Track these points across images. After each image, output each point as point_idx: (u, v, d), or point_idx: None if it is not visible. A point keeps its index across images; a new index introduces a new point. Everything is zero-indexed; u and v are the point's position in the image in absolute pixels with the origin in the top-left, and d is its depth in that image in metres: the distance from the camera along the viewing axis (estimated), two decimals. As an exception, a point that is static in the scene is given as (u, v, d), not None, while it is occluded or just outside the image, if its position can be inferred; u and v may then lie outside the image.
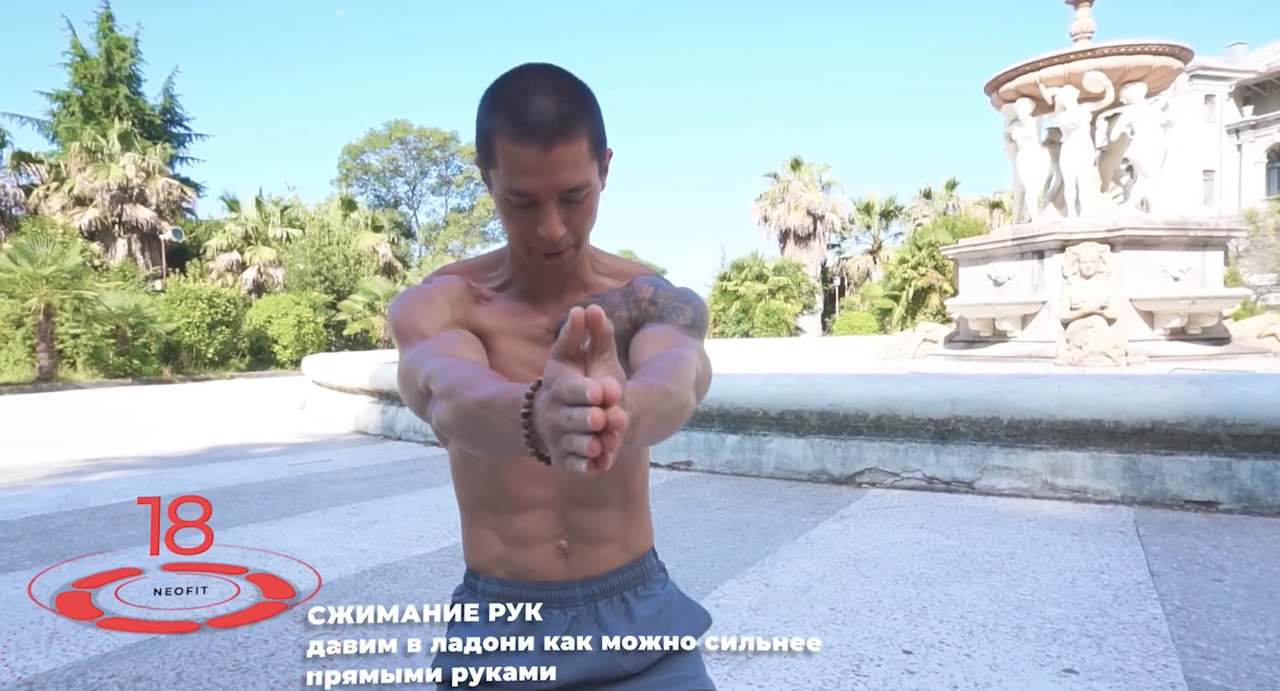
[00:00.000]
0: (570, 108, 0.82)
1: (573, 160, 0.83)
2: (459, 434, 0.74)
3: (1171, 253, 10.20)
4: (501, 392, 0.67)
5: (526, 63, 0.86)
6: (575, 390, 0.53)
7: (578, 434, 0.53)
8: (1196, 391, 3.55)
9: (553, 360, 0.58)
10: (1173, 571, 2.78)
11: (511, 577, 0.97)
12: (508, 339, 0.95)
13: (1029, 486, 3.90)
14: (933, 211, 33.58)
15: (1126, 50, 10.45)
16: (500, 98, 0.83)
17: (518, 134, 0.81)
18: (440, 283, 0.97)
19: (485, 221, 50.31)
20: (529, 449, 0.62)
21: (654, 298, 0.97)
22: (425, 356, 0.84)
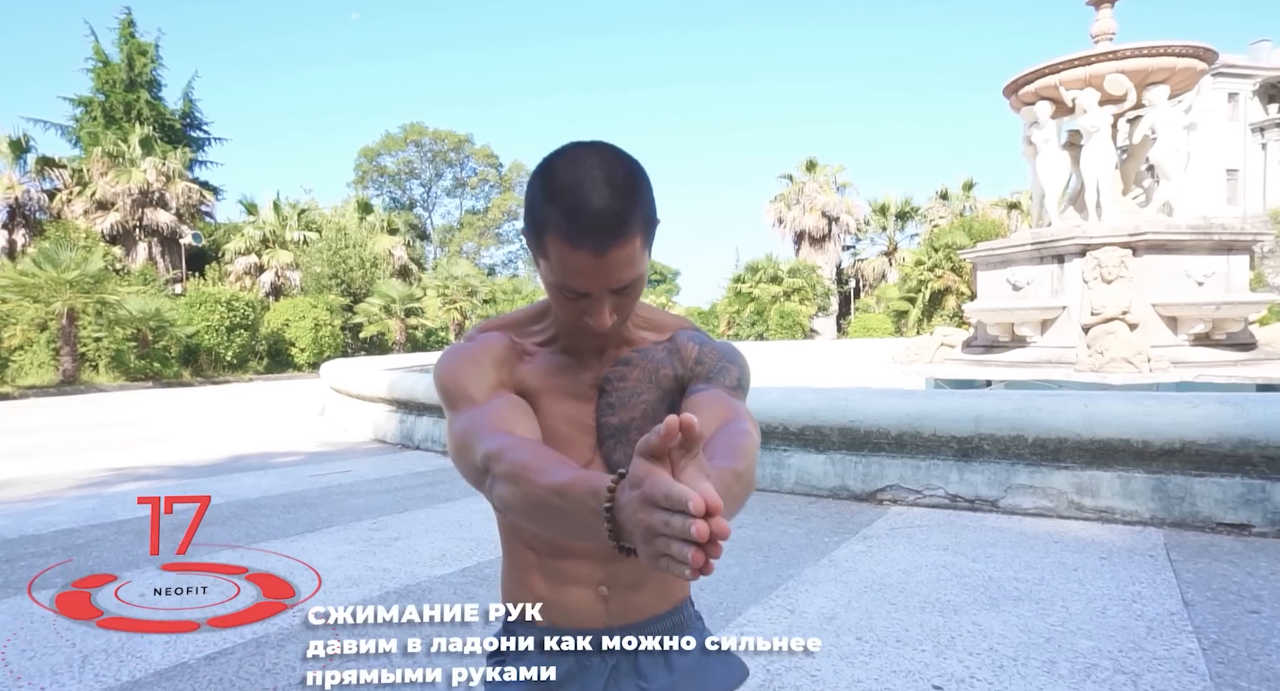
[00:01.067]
0: (624, 205, 0.81)
1: (626, 260, 0.83)
2: (524, 517, 0.76)
3: (1195, 257, 10.06)
4: (576, 481, 0.68)
5: (579, 144, 0.85)
6: (674, 498, 0.55)
7: (678, 541, 0.55)
8: (1229, 412, 3.49)
9: (639, 459, 0.59)
10: (1207, 601, 2.73)
11: (551, 624, 0.98)
12: (553, 397, 0.96)
13: (1055, 506, 3.85)
14: (949, 213, 33.33)
15: (1149, 52, 10.31)
16: (554, 188, 0.82)
17: (572, 237, 0.80)
18: (484, 341, 0.98)
19: (499, 223, 50.51)
20: (611, 541, 0.64)
21: (700, 357, 0.98)
22: (480, 429, 0.85)
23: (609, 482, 0.63)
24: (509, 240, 52.11)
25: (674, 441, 0.58)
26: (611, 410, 0.95)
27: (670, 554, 0.55)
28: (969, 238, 26.67)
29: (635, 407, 0.95)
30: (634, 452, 0.60)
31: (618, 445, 0.95)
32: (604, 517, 0.62)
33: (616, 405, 0.95)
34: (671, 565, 0.56)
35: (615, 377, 0.96)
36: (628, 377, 0.96)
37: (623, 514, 0.60)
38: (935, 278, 27.62)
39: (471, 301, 27.95)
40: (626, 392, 0.95)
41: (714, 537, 0.54)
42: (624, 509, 0.60)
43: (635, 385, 0.96)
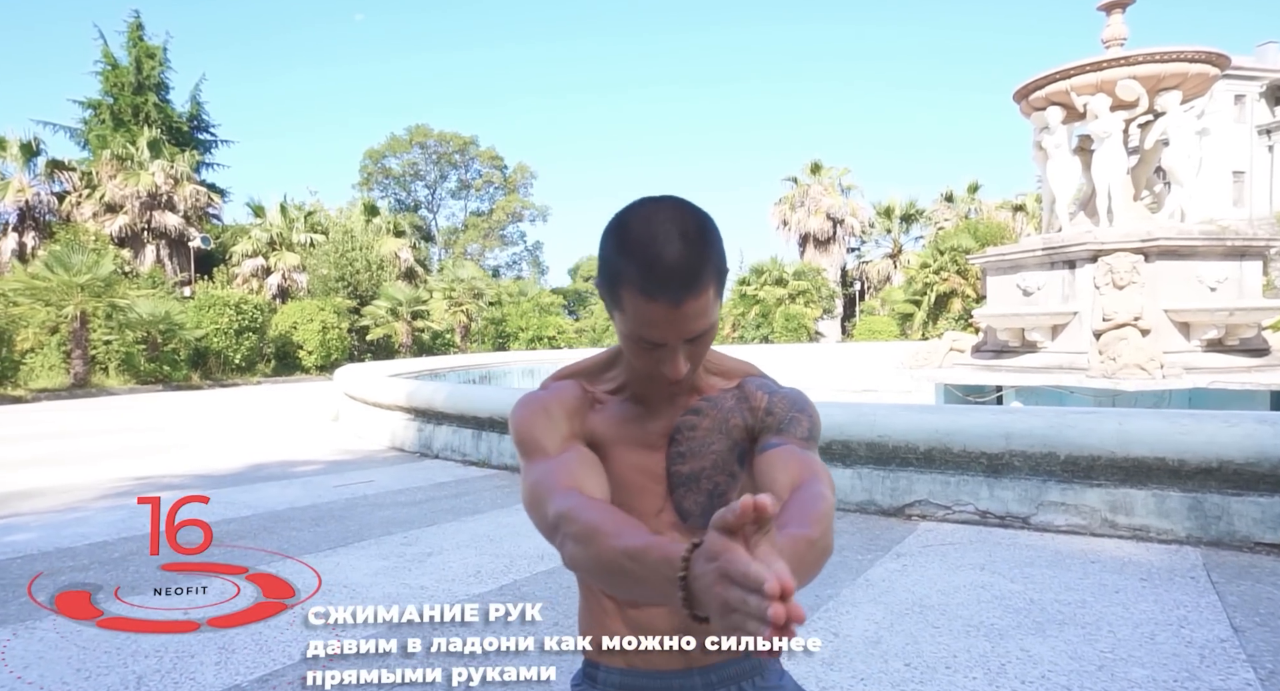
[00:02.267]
0: (698, 257, 0.84)
1: (700, 311, 0.86)
2: (595, 578, 0.79)
3: (1208, 263, 10.03)
4: (650, 547, 0.69)
5: (650, 199, 0.89)
6: (751, 578, 0.56)
7: (754, 619, 0.56)
8: (1269, 431, 3.48)
9: (714, 532, 0.61)
10: (1257, 627, 2.73)
11: (631, 667, 0.99)
12: (624, 447, 0.98)
13: (1088, 523, 3.85)
14: (954, 215, 33.30)
15: (1161, 58, 10.28)
16: (629, 242, 0.85)
17: (648, 290, 0.84)
18: (557, 390, 1.01)
19: (504, 225, 50.54)
20: (684, 609, 0.65)
21: (770, 407, 0.99)
22: (552, 485, 0.88)
23: (684, 551, 0.65)
24: (513, 241, 52.18)
25: (748, 520, 0.60)
26: (682, 459, 0.97)
27: (746, 630, 0.57)
28: (974, 240, 26.66)
29: (706, 457, 0.97)
30: (710, 525, 0.62)
31: (688, 493, 0.97)
32: (679, 586, 0.64)
33: (687, 454, 0.97)
34: (747, 641, 0.57)
35: (686, 427, 0.98)
36: (698, 427, 0.98)
37: (698, 584, 0.62)
38: (941, 280, 27.60)
39: (477, 304, 27.97)
40: (697, 442, 0.97)
41: (789, 620, 0.55)
42: (699, 579, 0.62)
43: (706, 435, 0.97)
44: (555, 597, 3.24)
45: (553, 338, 27.73)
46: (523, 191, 51.63)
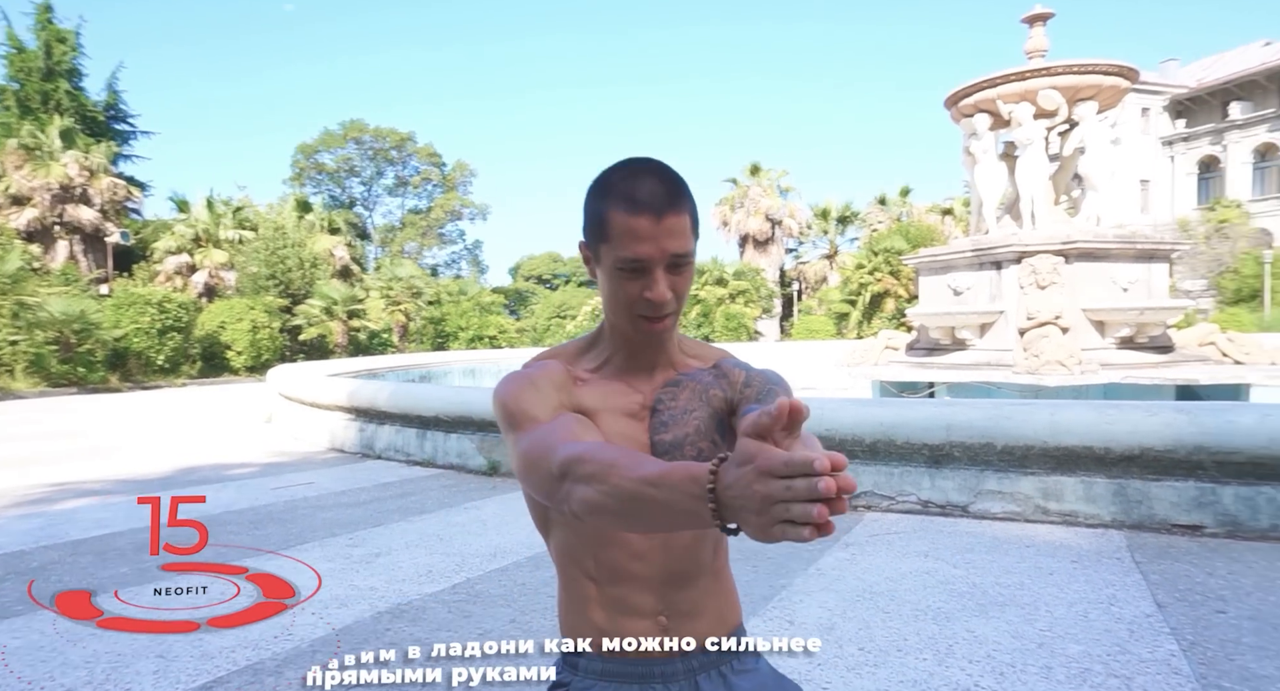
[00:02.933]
0: (675, 186, 0.93)
1: (680, 230, 0.92)
2: (612, 513, 0.78)
3: (1121, 264, 10.60)
4: (672, 470, 0.70)
5: (627, 158, 0.97)
6: (795, 463, 0.58)
7: (799, 503, 0.58)
8: (1184, 420, 3.71)
9: (746, 438, 0.63)
10: (1177, 602, 2.91)
11: (613, 654, 0.99)
12: (609, 416, 1.00)
13: (1022, 510, 4.03)
14: (887, 217, 34.32)
15: (1079, 70, 10.83)
16: (611, 184, 0.94)
17: (632, 208, 0.91)
18: (542, 367, 1.02)
19: (442, 223, 49.62)
20: (714, 521, 0.66)
21: (748, 381, 1.03)
22: (552, 441, 0.88)
23: (710, 466, 0.66)
24: (452, 240, 51.29)
25: (783, 421, 0.62)
26: (665, 427, 0.99)
27: (791, 517, 0.58)
28: (906, 242, 27.52)
29: (688, 424, 0.99)
30: (740, 432, 0.64)
31: (672, 460, 0.97)
32: (708, 499, 0.65)
33: (670, 422, 0.99)
34: (788, 530, 0.59)
35: (667, 397, 1.01)
36: (679, 397, 1.01)
37: (730, 492, 0.63)
38: (875, 281, 28.39)
39: (416, 303, 27.39)
40: (679, 410, 1.00)
41: (841, 492, 0.57)
42: (732, 487, 0.63)
43: (687, 403, 1.00)
44: (510, 595, 3.20)
45: (494, 337, 27.37)
46: (462, 189, 50.81)
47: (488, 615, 2.97)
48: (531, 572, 3.49)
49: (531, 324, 31.03)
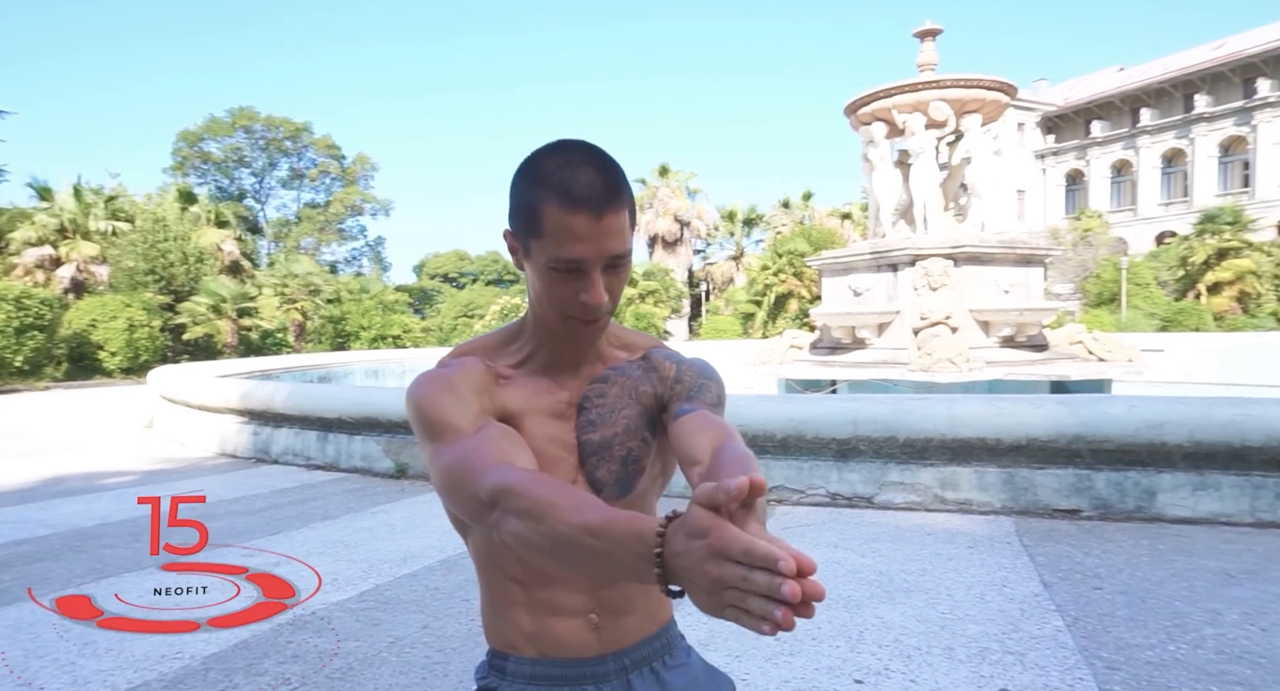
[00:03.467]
0: (614, 179, 0.86)
1: (619, 228, 0.86)
2: (546, 554, 0.75)
3: (1003, 268, 11.31)
4: (614, 522, 0.67)
5: (559, 139, 0.90)
6: (757, 555, 0.55)
7: (757, 596, 0.55)
8: (1065, 411, 4.00)
9: (699, 508, 0.60)
10: (1061, 581, 3.12)
11: (542, 656, 0.97)
12: (534, 418, 0.96)
13: (922, 500, 4.24)
14: (791, 220, 35.45)
15: (965, 84, 11.48)
16: (543, 172, 0.86)
17: (569, 203, 0.84)
18: (460, 367, 0.96)
19: (342, 218, 47.62)
20: (658, 583, 0.63)
21: (679, 375, 1.00)
22: (479, 461, 0.83)
23: (657, 526, 0.63)
24: (353, 236, 49.33)
25: (740, 499, 0.59)
26: (593, 427, 0.96)
27: (747, 608, 0.56)
28: (809, 245, 28.51)
29: (617, 423, 0.96)
30: (693, 501, 0.61)
31: (601, 462, 0.96)
32: (654, 562, 0.62)
33: (597, 422, 0.96)
34: (744, 618, 0.57)
35: (594, 394, 0.97)
36: (607, 394, 0.97)
37: (679, 560, 0.60)
38: (779, 282, 29.26)
39: (314, 301, 26.16)
40: (607, 408, 0.96)
41: (807, 599, 0.54)
42: (681, 556, 0.60)
43: (615, 401, 0.97)
44: (422, 600, 3.09)
45: (398, 337, 26.48)
46: (363, 183, 48.94)
47: (398, 622, 2.86)
48: (444, 576, 3.38)
49: (437, 323, 30.21)
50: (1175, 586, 3.05)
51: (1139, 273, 30.76)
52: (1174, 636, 2.58)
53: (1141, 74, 44.36)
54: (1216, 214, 32.74)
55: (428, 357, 17.63)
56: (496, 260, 54.93)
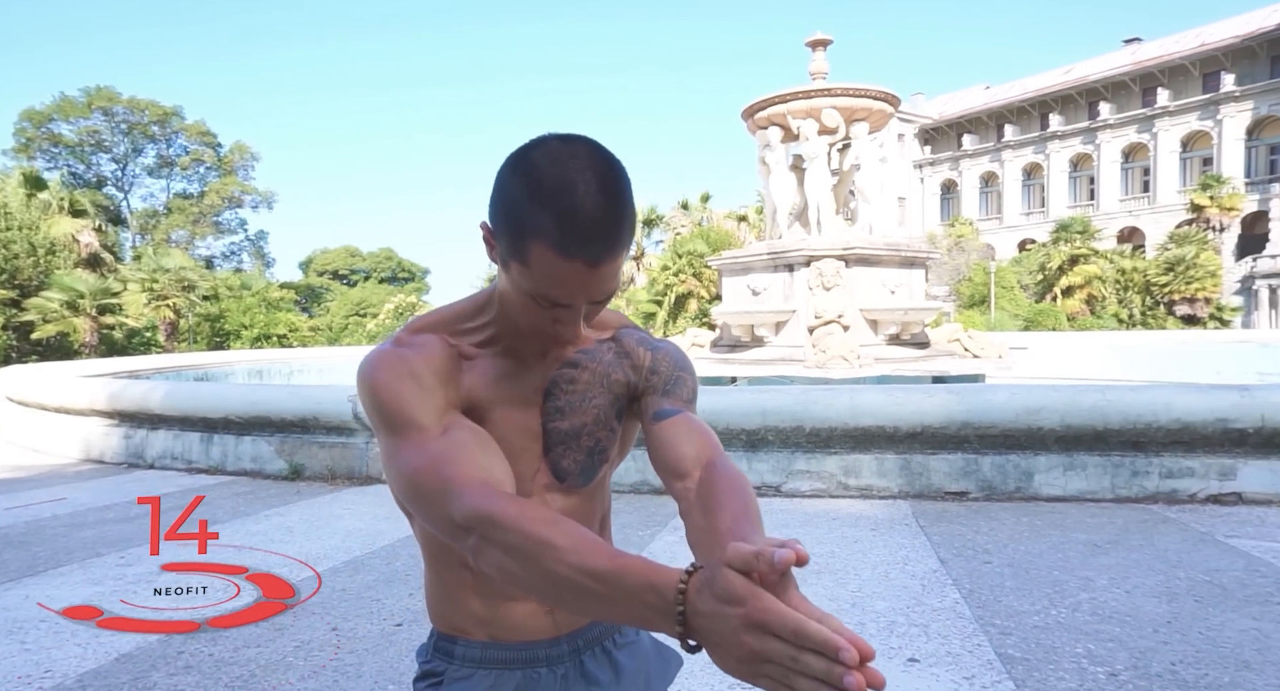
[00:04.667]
0: (617, 214, 0.76)
1: (615, 272, 0.80)
2: (537, 592, 0.72)
3: (889, 269, 11.95)
4: (624, 571, 0.63)
5: (561, 138, 0.78)
6: (809, 637, 0.53)
7: (808, 680, 0.53)
8: (955, 399, 4.27)
9: (732, 573, 0.57)
10: (955, 558, 3.33)
11: (494, 640, 0.94)
12: (501, 408, 0.91)
13: (826, 487, 4.42)
14: (690, 222, 36.12)
15: (854, 93, 12.06)
16: (542, 189, 0.75)
17: (565, 249, 0.75)
18: (421, 350, 0.89)
19: (218, 210, 44.60)
20: (678, 639, 0.61)
21: (654, 366, 0.97)
22: (452, 476, 0.78)
23: (677, 581, 0.60)
24: (231, 229, 46.25)
25: (780, 572, 0.56)
26: (561, 414, 0.92)
27: (794, 687, 0.53)
28: (707, 246, 29.14)
29: (587, 412, 0.93)
30: (726, 563, 0.58)
31: (567, 451, 0.93)
32: (677, 619, 0.59)
33: (566, 409, 0.92)
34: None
35: (564, 380, 0.93)
36: (578, 380, 0.93)
37: (705, 622, 0.58)
38: (680, 282, 29.75)
39: (188, 297, 24.32)
40: (577, 396, 0.93)
41: (871, 687, 0.51)
42: (710, 618, 0.57)
43: (586, 388, 0.93)
44: (328, 603, 2.93)
45: (283, 336, 25.05)
46: (242, 174, 45.98)
47: (303, 626, 2.70)
48: (351, 578, 3.23)
49: (327, 322, 28.82)
50: (1053, 557, 3.31)
51: (1005, 277, 33.28)
52: (1055, 602, 2.81)
53: (1004, 93, 48.04)
54: (1069, 224, 35.93)
55: (317, 358, 16.78)
56: (390, 257, 52.96)
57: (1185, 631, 2.52)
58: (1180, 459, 4.14)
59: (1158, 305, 32.34)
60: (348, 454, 5.16)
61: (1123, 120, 41.39)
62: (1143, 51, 42.70)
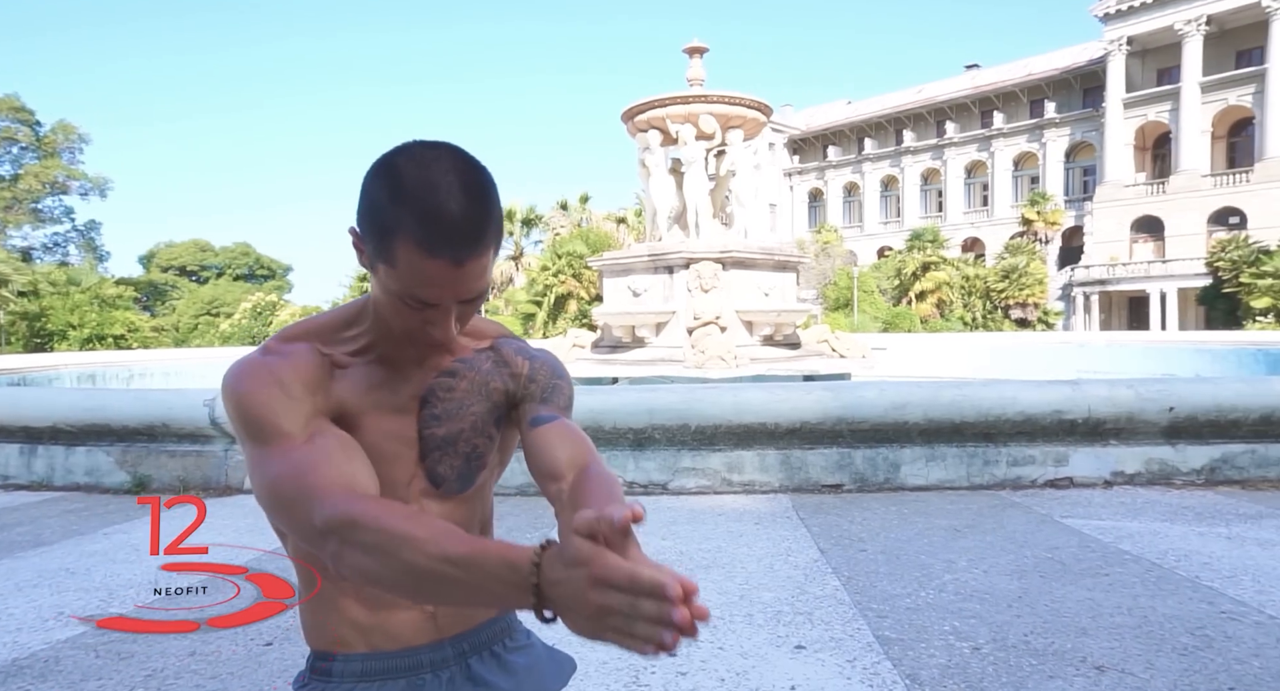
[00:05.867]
0: (481, 214, 0.79)
1: (481, 270, 0.82)
2: (396, 587, 0.72)
3: (764, 273, 12.43)
4: (482, 552, 0.66)
5: (425, 144, 0.81)
6: (642, 583, 0.57)
7: (643, 622, 0.57)
8: (830, 396, 4.49)
9: (578, 538, 0.61)
10: (834, 547, 3.50)
11: (374, 650, 0.92)
12: (374, 414, 0.92)
13: (711, 484, 4.51)
14: (569, 222, 36.08)
15: (729, 101, 12.46)
16: (404, 190, 0.77)
17: (429, 247, 0.77)
18: (289, 359, 0.88)
19: (38, 196, 39.84)
20: (533, 611, 0.64)
21: (532, 374, 0.99)
22: (315, 483, 0.77)
23: (531, 556, 0.63)
24: (54, 218, 41.45)
25: (624, 530, 0.61)
26: (438, 421, 0.93)
27: (632, 632, 0.58)
28: (586, 247, 29.19)
29: (464, 419, 0.94)
30: (570, 530, 0.62)
31: (444, 457, 0.94)
32: (531, 591, 0.62)
33: (443, 417, 0.93)
34: (627, 641, 0.59)
35: (442, 388, 0.94)
36: (455, 388, 0.95)
37: (557, 589, 0.61)
38: (559, 283, 29.63)
39: (2, 293, 21.59)
40: (454, 403, 0.94)
41: (694, 621, 0.57)
42: (561, 585, 0.61)
43: (464, 396, 0.95)
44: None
45: (121, 337, 22.71)
46: (67, 157, 41.32)
47: (155, 652, 2.44)
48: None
49: (173, 322, 26.41)
50: (919, 543, 3.54)
51: (866, 281, 35.50)
52: (923, 584, 3.00)
53: (865, 108, 51.30)
54: (921, 233, 38.86)
55: (162, 360, 15.36)
56: (247, 253, 49.28)
57: (1034, 604, 2.76)
58: (1024, 447, 4.56)
59: (996, 309, 35.58)
60: (203, 463, 4.74)
61: (965, 139, 45.24)
62: (981, 77, 46.89)
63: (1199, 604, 2.73)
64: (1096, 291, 36.61)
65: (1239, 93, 35.45)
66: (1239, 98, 35.53)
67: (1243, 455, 4.54)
